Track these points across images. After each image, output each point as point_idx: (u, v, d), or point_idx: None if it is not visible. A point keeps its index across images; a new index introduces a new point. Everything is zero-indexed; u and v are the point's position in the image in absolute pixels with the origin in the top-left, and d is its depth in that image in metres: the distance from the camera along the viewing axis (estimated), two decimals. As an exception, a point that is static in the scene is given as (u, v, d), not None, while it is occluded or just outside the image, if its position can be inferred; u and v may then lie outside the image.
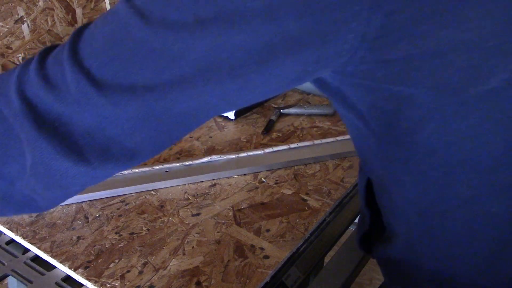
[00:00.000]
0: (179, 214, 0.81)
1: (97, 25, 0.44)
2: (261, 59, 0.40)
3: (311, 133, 1.04)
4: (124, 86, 0.42)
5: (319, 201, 0.86)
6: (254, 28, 0.38)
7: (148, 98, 0.42)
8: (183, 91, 0.42)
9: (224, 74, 0.41)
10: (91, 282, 0.68)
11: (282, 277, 0.73)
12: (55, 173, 0.44)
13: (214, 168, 0.91)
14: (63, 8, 1.12)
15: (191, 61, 0.40)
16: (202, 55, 0.40)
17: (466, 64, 0.41)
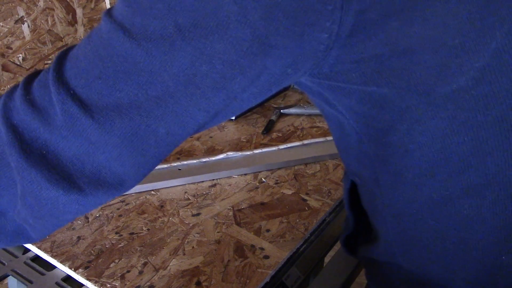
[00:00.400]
0: (179, 214, 0.81)
1: (81, 45, 0.44)
2: (242, 66, 0.40)
3: (311, 133, 1.04)
4: (110, 105, 0.41)
5: (319, 201, 0.86)
6: (232, 33, 0.38)
7: (134, 117, 0.42)
8: (167, 107, 0.42)
9: (207, 87, 0.41)
10: (91, 282, 0.68)
11: (282, 277, 0.73)
12: (46, 202, 0.43)
13: (214, 167, 0.91)
14: (63, 8, 1.12)
15: (173, 74, 0.40)
16: (184, 67, 0.40)
17: (433, 62, 0.42)
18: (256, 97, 0.45)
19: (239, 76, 0.41)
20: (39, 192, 0.43)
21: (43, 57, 1.11)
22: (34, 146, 0.42)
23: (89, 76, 0.41)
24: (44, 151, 0.42)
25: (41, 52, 1.11)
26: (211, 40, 0.39)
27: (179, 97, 0.41)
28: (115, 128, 0.42)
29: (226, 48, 0.39)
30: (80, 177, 0.43)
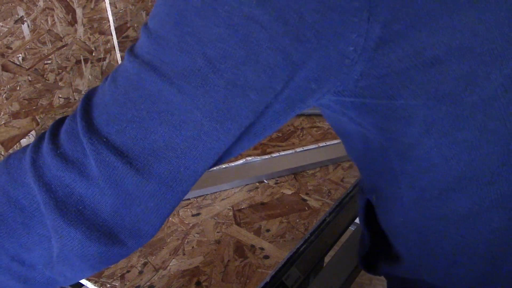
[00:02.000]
0: (179, 214, 0.80)
1: (106, 89, 0.42)
2: (276, 91, 0.40)
3: (311, 133, 1.04)
4: (146, 149, 0.40)
5: (319, 201, 0.85)
6: (264, 61, 0.38)
7: (171, 160, 0.40)
8: (205, 145, 0.40)
9: (243, 118, 0.40)
10: (91, 282, 0.68)
11: (282, 277, 0.73)
12: (88, 258, 0.42)
13: (217, 179, 0.91)
14: (63, 8, 1.12)
15: (206, 111, 0.39)
16: (218, 102, 0.39)
17: (461, 71, 0.41)
18: (280, 120, 0.44)
19: (274, 102, 0.40)
20: (81, 249, 0.41)
21: (43, 57, 1.11)
22: (69, 203, 0.40)
23: (121, 121, 0.40)
24: (81, 206, 0.41)
25: (41, 52, 1.11)
26: (243, 70, 0.38)
27: (215, 134, 0.40)
28: (153, 174, 0.40)
29: (259, 77, 0.38)
30: (121, 231, 0.42)
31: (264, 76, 0.38)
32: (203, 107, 0.39)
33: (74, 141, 0.41)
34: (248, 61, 0.37)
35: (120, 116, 0.40)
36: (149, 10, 1.33)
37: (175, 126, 0.39)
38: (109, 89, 0.41)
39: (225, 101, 0.39)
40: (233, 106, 0.39)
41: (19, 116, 1.10)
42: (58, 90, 1.16)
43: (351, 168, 0.95)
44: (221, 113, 0.39)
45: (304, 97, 0.42)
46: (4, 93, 1.05)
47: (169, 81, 0.38)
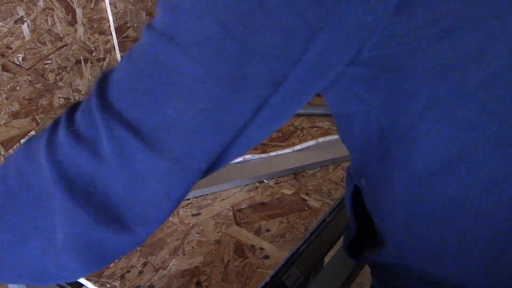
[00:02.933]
0: (179, 214, 0.81)
1: (122, 65, 0.41)
2: (295, 58, 0.38)
3: (311, 133, 1.04)
4: (160, 123, 0.38)
5: (319, 201, 0.86)
6: (282, 26, 0.36)
7: (187, 135, 0.39)
8: (221, 118, 0.39)
9: (258, 87, 0.38)
10: (91, 282, 0.68)
11: (282, 277, 0.73)
12: (93, 245, 0.41)
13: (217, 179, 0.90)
14: (63, 8, 1.12)
15: (221, 80, 0.37)
16: (233, 70, 0.37)
17: (471, 44, 0.41)
18: (298, 98, 0.43)
19: (292, 72, 0.39)
20: (86, 233, 0.40)
21: (43, 57, 1.11)
22: (79, 183, 0.40)
23: (134, 95, 0.39)
24: (91, 188, 0.40)
25: (41, 52, 1.11)
26: (260, 34, 0.36)
27: (231, 105, 0.39)
28: (166, 150, 0.39)
29: (277, 42, 0.37)
30: (129, 217, 0.40)
31: (281, 41, 0.37)
32: (218, 76, 0.37)
33: (88, 118, 0.40)
34: (265, 25, 0.36)
35: (133, 90, 0.39)
36: (149, 10, 1.33)
37: (189, 98, 0.38)
38: (123, 63, 0.41)
39: (241, 69, 0.37)
40: (249, 75, 0.37)
41: (19, 116, 1.10)
42: (58, 90, 1.16)
43: (351, 168, 0.95)
44: (237, 82, 0.38)
45: (321, 68, 0.41)
46: (4, 93, 1.05)
47: (182, 50, 0.37)
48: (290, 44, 0.37)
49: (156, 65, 0.38)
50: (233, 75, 0.37)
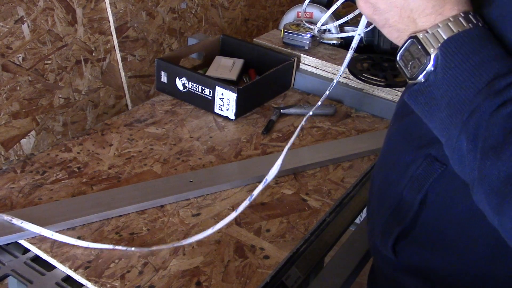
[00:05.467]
0: (179, 214, 0.81)
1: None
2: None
3: (311, 133, 1.04)
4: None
5: (319, 201, 0.86)
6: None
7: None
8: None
9: None
10: (91, 282, 0.68)
11: (282, 277, 0.73)
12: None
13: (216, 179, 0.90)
14: (63, 8, 1.12)
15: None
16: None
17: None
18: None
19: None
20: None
21: (43, 57, 1.11)
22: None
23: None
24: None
25: (41, 52, 1.11)
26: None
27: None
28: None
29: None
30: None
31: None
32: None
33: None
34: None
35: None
36: (149, 10, 1.33)
37: None
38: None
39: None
40: None
41: (19, 116, 1.10)
42: (58, 90, 1.16)
43: (351, 168, 0.95)
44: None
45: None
46: (4, 93, 1.05)
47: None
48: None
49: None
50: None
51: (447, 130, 0.47)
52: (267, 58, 1.20)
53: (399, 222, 0.60)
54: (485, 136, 0.43)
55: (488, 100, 0.43)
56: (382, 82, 1.10)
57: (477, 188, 0.45)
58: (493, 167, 0.43)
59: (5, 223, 0.74)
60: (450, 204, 0.56)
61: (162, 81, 1.13)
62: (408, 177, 0.58)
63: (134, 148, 0.95)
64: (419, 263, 0.61)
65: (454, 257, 0.58)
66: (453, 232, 0.57)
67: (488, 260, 0.55)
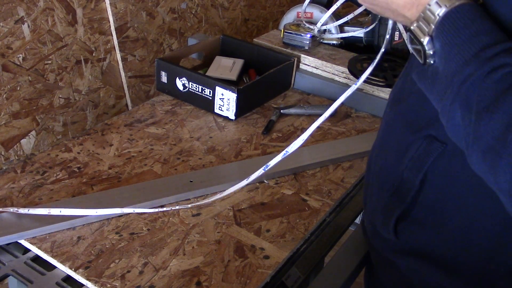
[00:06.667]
0: (179, 214, 0.81)
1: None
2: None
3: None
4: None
5: (319, 201, 0.86)
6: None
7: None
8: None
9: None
10: (91, 282, 0.68)
11: (282, 277, 0.73)
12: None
13: (217, 180, 0.90)
14: (63, 8, 1.12)
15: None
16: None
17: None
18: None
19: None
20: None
21: (43, 57, 1.11)
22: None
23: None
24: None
25: (41, 52, 1.11)
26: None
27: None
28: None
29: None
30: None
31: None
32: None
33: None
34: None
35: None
36: (149, 10, 1.33)
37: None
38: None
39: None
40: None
41: (19, 116, 1.10)
42: (58, 90, 1.17)
43: (351, 168, 0.95)
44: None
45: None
46: (4, 93, 1.05)
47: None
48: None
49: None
50: None
51: (442, 101, 0.51)
52: (267, 58, 1.20)
53: (400, 203, 0.62)
54: (478, 100, 0.46)
55: (478, 69, 0.46)
56: (382, 82, 1.10)
57: (472, 149, 0.47)
58: (487, 127, 0.45)
59: (5, 223, 0.74)
60: (450, 182, 0.57)
61: (162, 81, 1.13)
62: (408, 158, 0.60)
63: (134, 148, 0.96)
64: (420, 242, 0.62)
65: (453, 235, 0.59)
66: (452, 210, 0.58)
67: (487, 237, 0.57)
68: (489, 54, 0.46)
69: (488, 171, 0.46)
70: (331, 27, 1.26)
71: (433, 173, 0.58)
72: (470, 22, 0.48)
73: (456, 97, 0.48)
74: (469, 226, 0.57)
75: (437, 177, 0.58)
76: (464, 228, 0.58)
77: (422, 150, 0.58)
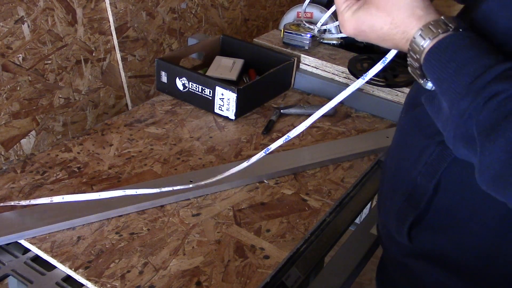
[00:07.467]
0: (179, 214, 0.81)
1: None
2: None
3: (311, 133, 1.04)
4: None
5: (319, 201, 0.86)
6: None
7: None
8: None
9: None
10: (91, 282, 0.68)
11: (282, 277, 0.73)
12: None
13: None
14: (63, 8, 1.12)
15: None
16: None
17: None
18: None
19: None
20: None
21: (43, 57, 1.11)
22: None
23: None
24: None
25: (41, 52, 1.11)
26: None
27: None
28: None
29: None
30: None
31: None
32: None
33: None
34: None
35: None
36: (149, 10, 1.33)
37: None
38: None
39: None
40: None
41: (19, 116, 1.10)
42: (58, 90, 1.17)
43: (351, 168, 0.95)
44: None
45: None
46: (4, 93, 1.05)
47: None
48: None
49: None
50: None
51: (445, 132, 0.51)
52: (267, 58, 1.20)
53: (413, 208, 0.62)
54: (478, 132, 0.46)
55: (472, 102, 0.46)
56: (382, 82, 1.10)
57: (482, 178, 0.48)
58: (492, 156, 0.45)
59: (5, 223, 0.74)
60: (463, 188, 0.57)
61: (162, 81, 1.13)
62: (422, 164, 0.60)
63: (134, 148, 0.96)
64: (433, 247, 0.62)
65: (465, 239, 0.59)
66: (465, 214, 0.58)
67: (499, 241, 0.57)
68: (480, 85, 0.46)
69: (501, 197, 0.47)
70: (331, 27, 1.26)
71: (446, 179, 0.58)
72: (454, 55, 0.48)
73: (457, 131, 0.48)
74: (482, 232, 0.57)
75: (451, 183, 0.58)
76: (478, 233, 0.58)
77: (436, 155, 0.58)
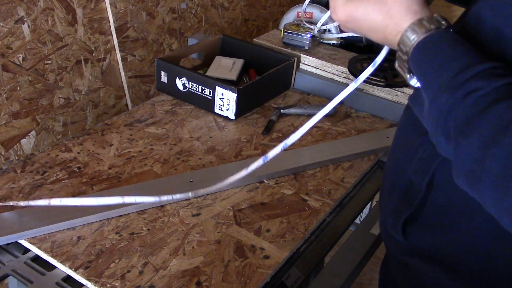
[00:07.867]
0: (179, 214, 0.81)
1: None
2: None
3: (311, 133, 1.04)
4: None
5: (319, 201, 0.86)
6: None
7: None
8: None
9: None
10: (91, 282, 0.68)
11: (282, 277, 0.73)
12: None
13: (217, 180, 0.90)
14: (63, 8, 1.12)
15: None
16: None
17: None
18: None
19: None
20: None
21: (43, 57, 1.11)
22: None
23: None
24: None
25: (41, 52, 1.11)
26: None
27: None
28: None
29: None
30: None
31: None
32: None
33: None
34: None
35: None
36: (149, 10, 1.33)
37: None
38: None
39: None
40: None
41: (19, 116, 1.10)
42: (58, 90, 1.16)
43: (351, 168, 0.95)
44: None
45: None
46: (4, 93, 1.05)
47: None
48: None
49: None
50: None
51: (428, 127, 0.53)
52: (267, 58, 1.20)
53: (408, 205, 0.63)
54: (454, 127, 0.47)
55: (451, 96, 0.48)
56: (382, 82, 1.10)
57: (457, 173, 0.49)
58: (465, 151, 0.47)
59: (5, 223, 0.74)
60: (456, 185, 0.58)
61: (162, 81, 1.13)
62: (416, 160, 0.61)
63: (134, 148, 0.96)
64: (428, 245, 0.63)
65: (460, 235, 0.59)
66: (459, 211, 0.59)
67: (493, 237, 0.57)
68: (460, 80, 0.47)
69: (473, 193, 0.48)
70: (331, 27, 1.26)
71: (439, 176, 0.59)
72: (440, 51, 0.50)
73: (438, 125, 0.50)
74: (478, 231, 0.58)
75: (444, 180, 0.59)
76: (470, 231, 0.58)
77: (429, 152, 0.58)
